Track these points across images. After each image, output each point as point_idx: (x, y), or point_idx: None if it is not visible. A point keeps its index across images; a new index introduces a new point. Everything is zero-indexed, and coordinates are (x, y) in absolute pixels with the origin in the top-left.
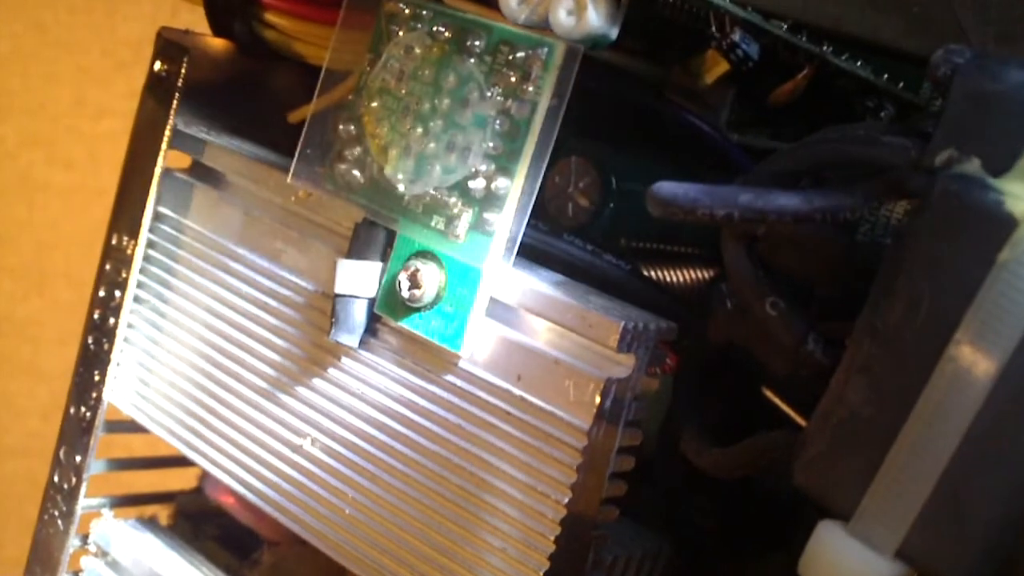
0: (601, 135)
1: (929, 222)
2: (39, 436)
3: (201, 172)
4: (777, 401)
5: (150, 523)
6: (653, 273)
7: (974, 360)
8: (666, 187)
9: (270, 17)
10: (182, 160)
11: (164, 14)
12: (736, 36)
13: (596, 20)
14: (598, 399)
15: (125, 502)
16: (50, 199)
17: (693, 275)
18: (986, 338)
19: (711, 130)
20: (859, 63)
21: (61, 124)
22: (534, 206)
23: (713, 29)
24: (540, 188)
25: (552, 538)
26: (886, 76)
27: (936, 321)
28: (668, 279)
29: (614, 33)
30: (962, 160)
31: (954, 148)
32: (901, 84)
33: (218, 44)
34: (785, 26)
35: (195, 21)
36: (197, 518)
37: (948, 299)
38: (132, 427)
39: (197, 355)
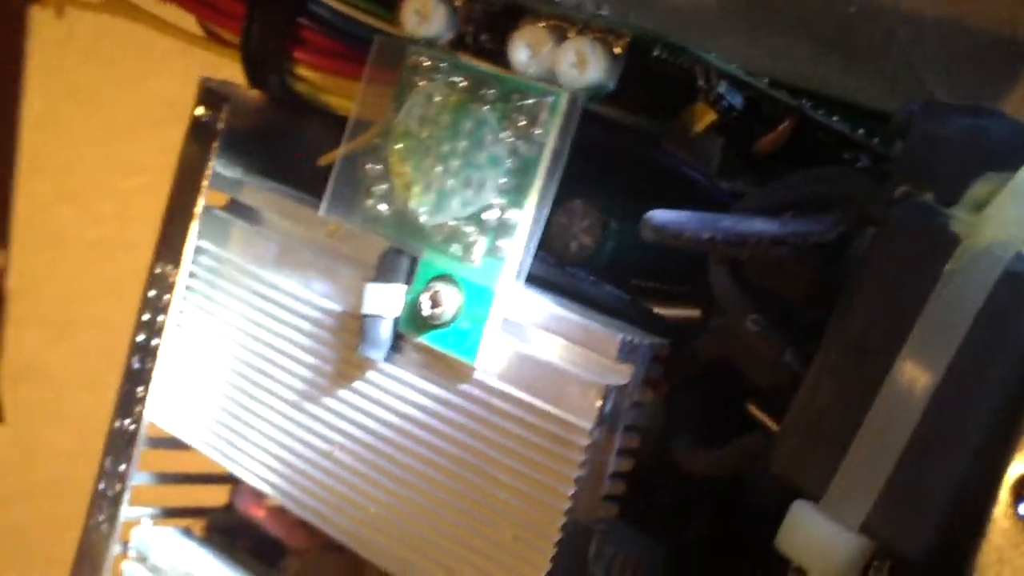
0: (603, 182)
1: (884, 243)
2: (64, 479)
3: (239, 209)
4: (759, 415)
5: (187, 533)
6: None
7: (924, 360)
8: (658, 215)
9: (302, 71)
10: (221, 199)
11: (195, 71)
12: (722, 88)
13: (596, 72)
14: (599, 403)
15: (163, 515)
16: (79, 252)
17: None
18: (933, 341)
19: (702, 177)
20: (835, 118)
21: (92, 180)
22: (542, 242)
23: (701, 82)
24: (547, 227)
25: (559, 526)
26: (862, 131)
27: (891, 329)
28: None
29: (612, 83)
30: (917, 194)
31: (910, 184)
32: (876, 139)
33: (254, 95)
34: (767, 80)
35: (224, 78)
36: (229, 531)
37: (901, 309)
38: (171, 443)
39: (234, 373)
